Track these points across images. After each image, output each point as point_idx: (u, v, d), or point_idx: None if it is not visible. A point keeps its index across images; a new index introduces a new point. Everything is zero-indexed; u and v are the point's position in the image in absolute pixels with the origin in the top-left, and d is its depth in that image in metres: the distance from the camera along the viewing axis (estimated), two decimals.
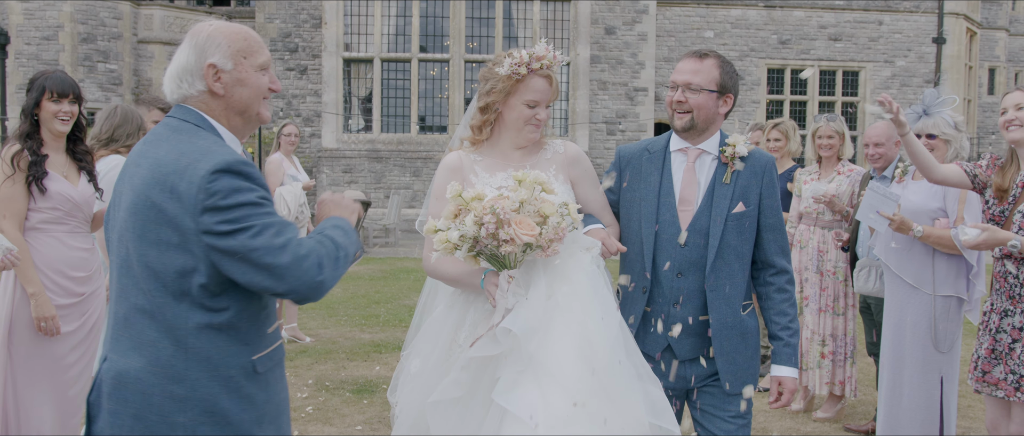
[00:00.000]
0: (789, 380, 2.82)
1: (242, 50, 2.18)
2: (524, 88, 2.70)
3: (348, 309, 9.22)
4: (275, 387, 2.20)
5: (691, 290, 2.76)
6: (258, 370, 2.12)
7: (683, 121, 2.77)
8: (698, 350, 2.80)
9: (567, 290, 2.45)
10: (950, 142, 4.16)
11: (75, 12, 19.45)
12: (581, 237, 2.62)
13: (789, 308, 2.83)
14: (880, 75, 23.38)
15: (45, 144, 3.52)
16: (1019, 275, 3.48)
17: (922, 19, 23.37)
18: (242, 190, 2.00)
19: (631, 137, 20.86)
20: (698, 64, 2.77)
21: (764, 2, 22.78)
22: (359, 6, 19.84)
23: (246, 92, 2.18)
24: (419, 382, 2.60)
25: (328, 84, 19.74)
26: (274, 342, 2.20)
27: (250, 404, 2.10)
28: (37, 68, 19.56)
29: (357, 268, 12.93)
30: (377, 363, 6.73)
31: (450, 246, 2.42)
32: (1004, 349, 3.52)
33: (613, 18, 20.63)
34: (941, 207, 4.13)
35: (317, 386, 5.99)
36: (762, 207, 2.81)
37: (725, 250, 2.74)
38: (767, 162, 2.83)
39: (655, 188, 2.82)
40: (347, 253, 2.16)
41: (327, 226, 2.21)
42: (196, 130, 2.13)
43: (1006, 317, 3.52)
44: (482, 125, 2.79)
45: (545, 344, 2.35)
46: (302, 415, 5.31)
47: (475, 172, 2.75)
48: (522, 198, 2.41)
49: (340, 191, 18.42)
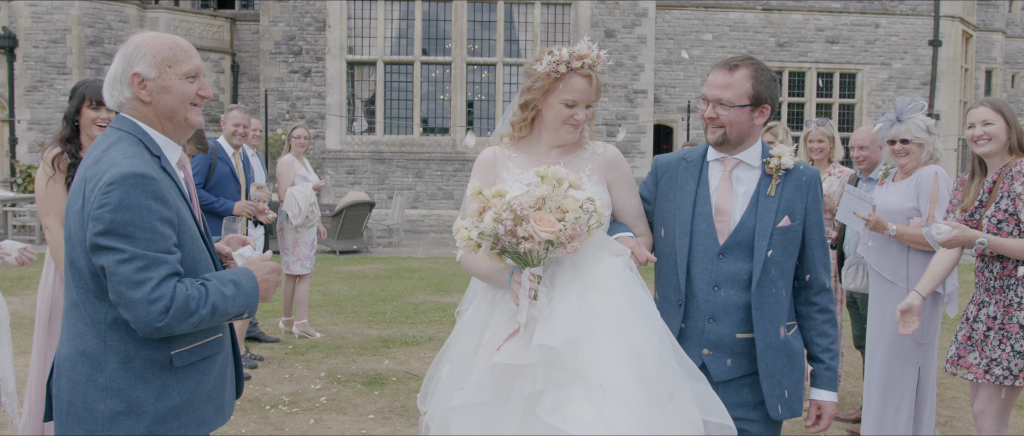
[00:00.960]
0: (829, 405, 2.72)
1: (167, 59, 2.29)
2: (563, 87, 2.62)
3: (355, 306, 9.49)
4: (200, 381, 2.30)
5: (728, 305, 2.63)
6: (175, 364, 2.22)
7: (715, 136, 2.67)
8: (735, 371, 2.65)
9: (603, 299, 2.36)
10: (924, 145, 4.44)
11: (82, 15, 19.72)
12: (611, 242, 2.53)
13: (831, 329, 2.72)
14: (877, 77, 23.63)
15: (83, 148, 3.79)
16: (992, 270, 3.76)
17: (918, 22, 23.61)
18: (131, 207, 2.08)
19: (631, 138, 21.12)
20: (728, 77, 2.63)
21: (762, 5, 23.04)
22: (362, 9, 20.11)
23: (171, 99, 2.30)
24: (446, 388, 2.53)
25: (332, 87, 20.01)
26: (202, 339, 2.29)
27: (166, 396, 2.21)
28: (45, 70, 19.83)
29: (362, 267, 13.21)
30: (386, 357, 7.00)
31: (473, 243, 2.38)
32: (979, 336, 3.79)
33: (613, 21, 20.90)
34: (915, 207, 4.40)
35: (329, 378, 6.26)
36: (807, 222, 2.69)
37: (770, 266, 2.62)
38: (812, 176, 2.72)
39: (690, 198, 2.71)
40: (218, 313, 2.19)
41: (228, 279, 2.26)
42: (125, 138, 2.25)
43: (982, 308, 3.80)
44: (521, 122, 2.73)
45: (593, 357, 2.26)
46: (317, 405, 5.58)
47: (508, 168, 2.70)
48: (542, 194, 2.34)
49: (344, 192, 18.69)
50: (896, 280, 4.37)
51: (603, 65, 2.66)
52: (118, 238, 2.08)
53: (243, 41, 22.62)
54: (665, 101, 22.61)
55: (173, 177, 2.30)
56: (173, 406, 2.23)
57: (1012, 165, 3.76)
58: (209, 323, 2.18)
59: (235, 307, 2.23)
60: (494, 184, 2.62)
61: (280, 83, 20.36)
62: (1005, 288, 3.73)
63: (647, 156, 21.18)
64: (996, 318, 3.74)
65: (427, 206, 20.17)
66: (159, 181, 2.16)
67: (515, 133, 2.75)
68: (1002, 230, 3.70)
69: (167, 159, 2.32)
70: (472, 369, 2.45)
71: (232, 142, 6.51)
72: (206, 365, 2.33)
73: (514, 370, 2.35)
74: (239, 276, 2.28)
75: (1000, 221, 3.71)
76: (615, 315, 2.32)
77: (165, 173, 2.26)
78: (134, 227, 2.09)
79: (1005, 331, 3.71)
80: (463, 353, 2.56)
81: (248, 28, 22.56)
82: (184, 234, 2.23)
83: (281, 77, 20.37)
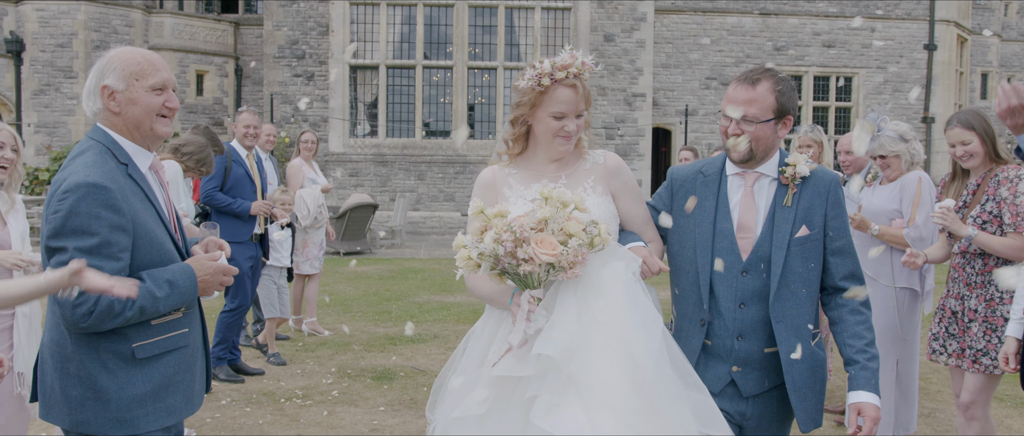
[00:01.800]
0: (870, 406, 2.51)
1: (135, 73, 2.44)
2: (549, 100, 2.55)
3: (361, 306, 9.75)
4: (164, 372, 2.44)
5: (755, 322, 2.57)
6: (137, 356, 2.37)
7: (741, 153, 2.59)
8: (763, 385, 2.61)
9: (603, 303, 2.31)
10: (900, 155, 4.71)
11: (88, 20, 19.98)
12: (619, 249, 2.48)
13: (866, 331, 2.59)
14: (873, 81, 23.91)
15: None
16: (974, 266, 4.05)
17: (913, 26, 23.91)
18: (80, 214, 2.24)
19: (629, 141, 21.38)
20: (751, 92, 2.54)
21: (759, 10, 23.32)
22: (365, 14, 20.38)
23: (138, 110, 2.44)
24: (453, 397, 2.50)
25: (335, 90, 20.28)
26: (164, 333, 2.43)
27: (130, 385, 2.36)
28: (51, 74, 20.10)
29: (366, 268, 13.47)
30: (393, 354, 7.26)
31: (472, 264, 2.32)
32: (962, 328, 4.07)
33: (612, 26, 21.17)
34: (898, 209, 4.67)
35: (340, 373, 6.52)
36: (828, 229, 2.60)
37: (789, 277, 2.55)
38: (831, 181, 2.63)
39: (710, 214, 2.64)
40: (147, 312, 2.33)
41: (164, 279, 2.38)
42: (93, 147, 2.41)
43: (964, 301, 4.08)
44: (514, 139, 2.68)
45: (586, 364, 2.23)
46: (329, 398, 5.84)
47: (509, 185, 2.65)
48: (545, 216, 2.30)
49: (347, 194, 18.95)
50: (877, 277, 4.64)
51: (590, 72, 2.58)
52: (62, 238, 2.26)
53: (247, 45, 22.89)
54: (664, 104, 22.88)
55: (139, 183, 2.45)
56: (138, 395, 2.38)
57: (997, 171, 4.04)
58: (139, 320, 2.34)
59: (168, 305, 2.38)
60: (496, 204, 2.58)
61: (283, 87, 20.62)
62: (986, 283, 4.00)
63: (645, 158, 21.46)
64: (978, 311, 4.02)
65: (429, 208, 20.43)
66: (113, 190, 2.31)
67: (510, 150, 2.69)
68: (985, 230, 3.98)
69: (135, 166, 2.47)
70: (477, 381, 2.42)
71: (244, 143, 6.76)
72: (171, 358, 2.47)
73: (513, 383, 2.33)
74: (177, 275, 2.41)
75: (984, 221, 3.99)
76: (614, 320, 2.28)
77: (131, 179, 2.43)
78: (80, 233, 2.25)
79: (990, 323, 3.98)
80: (470, 364, 2.53)
81: (252, 32, 22.84)
82: (140, 237, 2.37)
83: (284, 81, 20.63)
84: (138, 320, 2.34)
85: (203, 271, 2.49)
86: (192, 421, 5.24)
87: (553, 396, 2.22)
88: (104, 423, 2.36)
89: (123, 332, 2.36)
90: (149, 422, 2.40)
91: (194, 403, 2.59)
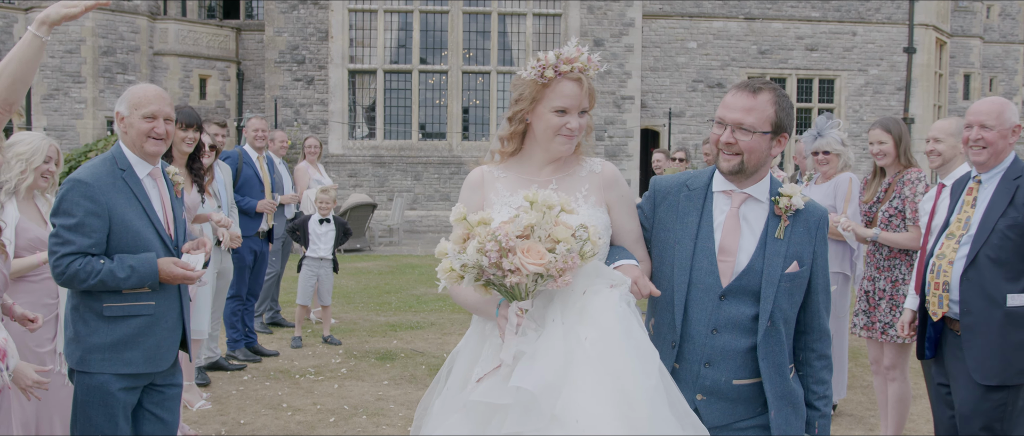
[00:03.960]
0: None
1: (135, 103, 3.20)
2: (552, 93, 2.42)
3: (363, 298, 10.51)
4: (125, 331, 3.16)
5: (727, 350, 2.45)
6: (105, 315, 3.13)
7: (731, 164, 2.46)
8: (727, 417, 2.48)
9: (594, 336, 2.13)
10: (840, 155, 5.50)
11: (96, 26, 20.70)
12: (608, 271, 2.31)
13: (827, 375, 2.58)
14: (854, 83, 24.72)
15: (173, 159, 4.78)
16: (882, 252, 4.83)
17: (893, 30, 24.71)
18: (67, 200, 3.05)
19: (618, 142, 22.17)
20: (751, 100, 2.43)
21: (744, 14, 24.11)
22: (363, 20, 21.15)
23: (133, 131, 3.19)
24: (434, 421, 2.42)
25: (334, 94, 21.04)
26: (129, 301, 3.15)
27: (96, 335, 3.13)
28: (60, 79, 20.81)
29: (366, 264, 14.22)
30: (394, 338, 8.02)
31: (455, 276, 2.18)
32: (874, 305, 4.84)
33: (601, 31, 21.96)
34: (832, 204, 5.45)
35: (347, 355, 7.28)
36: (814, 267, 2.52)
37: (776, 314, 2.44)
38: (821, 217, 2.54)
39: (692, 232, 2.50)
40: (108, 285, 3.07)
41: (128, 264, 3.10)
42: (105, 156, 3.22)
43: (875, 282, 4.85)
44: (510, 137, 2.55)
45: (574, 401, 2.06)
46: (339, 374, 6.60)
47: (496, 189, 2.52)
48: (531, 222, 2.15)
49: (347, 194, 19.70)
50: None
51: (595, 70, 2.46)
52: (55, 217, 3.10)
53: (248, 50, 23.62)
54: (652, 106, 23.67)
55: (131, 185, 3.18)
56: (99, 343, 3.13)
57: (904, 173, 4.83)
58: (103, 289, 3.09)
59: (128, 284, 3.11)
60: (482, 208, 2.49)
61: (284, 91, 21.37)
62: (892, 267, 4.79)
63: (634, 159, 22.24)
64: (886, 290, 4.80)
65: (425, 207, 21.21)
66: (92, 185, 3.08)
67: (504, 148, 2.57)
68: (892, 222, 4.76)
69: (132, 172, 3.20)
70: (458, 406, 2.32)
71: (255, 146, 7.52)
72: (133, 321, 3.18)
73: (494, 410, 2.17)
74: (140, 263, 3.13)
75: (892, 215, 4.77)
76: (605, 354, 2.11)
77: (124, 182, 3.16)
78: (64, 214, 3.07)
79: (894, 301, 4.76)
80: (453, 386, 2.42)
81: (253, 37, 23.57)
82: (116, 224, 3.11)
83: (285, 85, 21.38)
84: (102, 289, 3.09)
85: (165, 268, 3.18)
86: (218, 394, 5.98)
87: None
88: (76, 359, 3.18)
89: (98, 295, 3.13)
90: (104, 366, 3.14)
91: (156, 364, 3.25)
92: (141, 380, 3.25)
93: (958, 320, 3.60)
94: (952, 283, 3.62)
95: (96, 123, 20.72)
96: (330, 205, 7.71)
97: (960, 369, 3.58)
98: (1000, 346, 3.47)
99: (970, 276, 3.55)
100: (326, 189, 7.75)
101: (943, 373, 3.77)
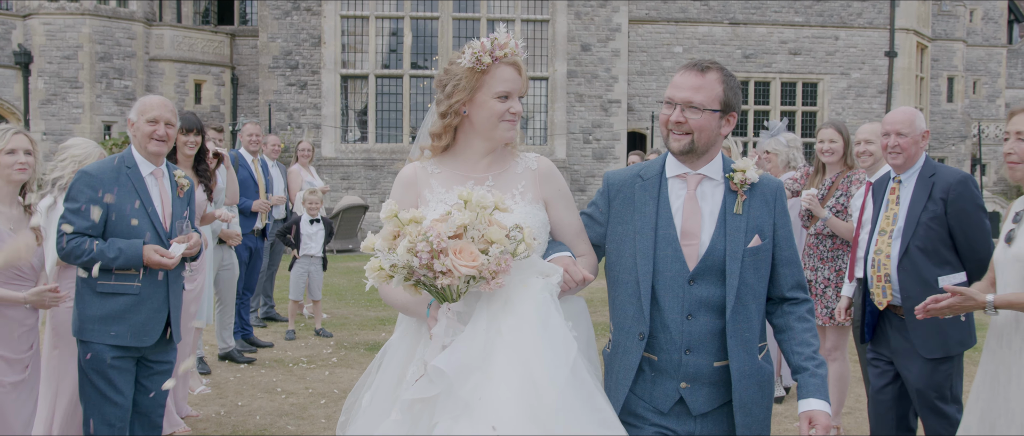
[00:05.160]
0: (821, 414, 2.42)
1: (142, 110, 3.74)
2: (492, 79, 2.40)
3: (354, 294, 10.96)
4: (113, 306, 3.61)
5: (704, 334, 2.44)
6: (98, 290, 3.59)
7: (681, 143, 2.46)
8: (714, 402, 2.48)
9: (512, 322, 2.14)
10: (780, 154, 5.97)
11: (93, 33, 21.12)
12: (539, 262, 2.32)
13: (813, 338, 2.50)
14: (837, 86, 25.27)
15: (178, 163, 5.21)
16: (826, 244, 5.30)
17: (875, 34, 25.27)
18: (74, 187, 3.58)
19: (606, 145, 22.67)
20: (700, 79, 2.43)
21: (729, 19, 24.65)
22: (355, 26, 21.62)
23: (139, 135, 3.71)
24: (365, 417, 2.38)
25: (327, 98, 21.49)
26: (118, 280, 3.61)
27: (89, 308, 3.61)
28: (58, 84, 21.23)
29: (358, 263, 14.66)
30: (382, 331, 8.48)
31: (384, 275, 2.14)
32: (819, 293, 5.31)
33: (588, 36, 22.46)
34: None
35: (338, 346, 7.73)
36: (776, 239, 2.50)
37: (743, 290, 2.44)
38: (776, 188, 2.54)
39: (651, 220, 2.49)
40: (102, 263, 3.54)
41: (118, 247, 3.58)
42: (116, 155, 3.72)
43: (818, 272, 5.32)
44: (443, 131, 2.50)
45: (482, 387, 2.07)
46: (330, 363, 7.06)
47: (430, 186, 2.49)
48: (464, 222, 2.11)
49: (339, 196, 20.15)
50: None
51: (522, 56, 2.48)
52: (65, 202, 3.63)
53: (242, 55, 24.07)
54: (638, 109, 24.17)
55: (133, 180, 3.66)
56: (92, 315, 3.60)
57: (848, 173, 5.30)
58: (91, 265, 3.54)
59: (117, 264, 3.56)
60: (416, 206, 2.46)
61: (278, 95, 21.81)
62: (835, 257, 5.26)
63: (621, 161, 22.73)
64: (830, 279, 5.27)
65: None
66: (95, 176, 3.60)
67: (436, 143, 2.53)
68: (838, 217, 5.23)
69: (137, 170, 3.68)
70: (395, 402, 2.28)
71: (249, 149, 7.97)
72: (120, 299, 3.64)
73: (426, 405, 2.18)
74: (127, 247, 3.59)
75: (838, 211, 5.24)
76: (519, 342, 2.11)
77: (127, 177, 3.65)
78: (71, 200, 3.60)
79: (838, 289, 5.23)
80: (385, 382, 2.39)
81: (247, 43, 24.01)
82: (113, 212, 3.60)
83: (279, 90, 21.83)
84: (92, 265, 3.55)
85: (146, 253, 3.64)
86: (217, 380, 6.42)
87: (449, 421, 2.08)
88: (76, 327, 3.68)
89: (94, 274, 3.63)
90: (95, 335, 3.61)
91: (141, 339, 3.69)
92: (130, 352, 3.69)
93: (901, 306, 4.01)
94: (891, 274, 4.03)
95: (93, 127, 21.13)
96: (318, 206, 8.18)
97: (908, 349, 3.98)
98: (938, 323, 3.86)
99: (905, 266, 3.97)
100: (313, 191, 8.22)
101: (885, 347, 4.16)
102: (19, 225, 3.67)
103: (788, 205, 5.40)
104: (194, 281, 5.36)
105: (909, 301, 3.98)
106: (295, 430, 5.27)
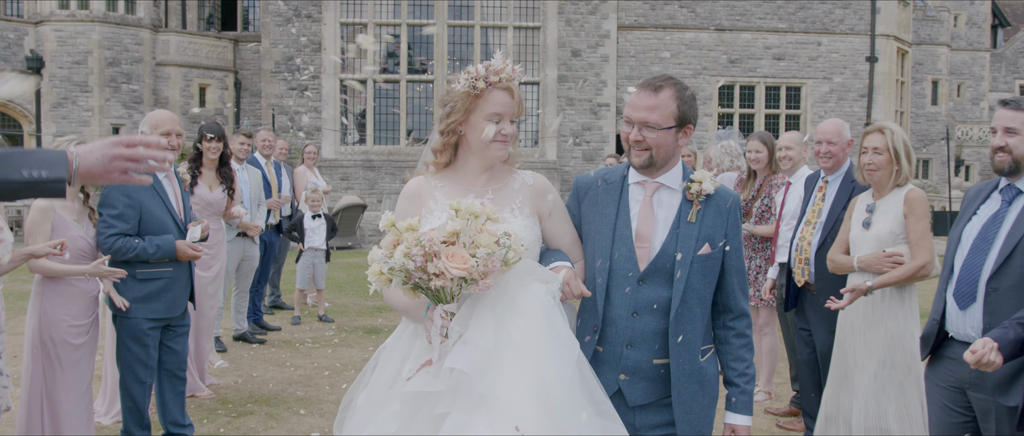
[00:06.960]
0: (743, 427, 2.66)
1: (154, 124, 4.54)
2: (485, 103, 2.55)
3: (354, 287, 11.83)
4: (150, 289, 4.41)
5: (647, 332, 2.59)
6: (137, 277, 4.36)
7: (641, 159, 2.60)
8: (651, 396, 2.63)
9: (520, 324, 2.28)
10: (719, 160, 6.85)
11: (102, 39, 21.96)
12: (539, 269, 2.46)
13: (747, 353, 2.69)
14: (819, 90, 26.13)
15: (202, 166, 6.06)
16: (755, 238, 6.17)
17: (856, 40, 26.12)
18: (109, 193, 4.29)
19: (595, 147, 23.54)
20: (653, 99, 2.55)
21: (715, 25, 25.51)
22: (355, 33, 22.48)
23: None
24: (360, 415, 2.51)
25: (326, 102, 22.36)
26: (152, 268, 4.40)
27: (131, 290, 4.36)
28: (69, 89, 22.06)
29: (357, 259, 15.52)
30: (379, 317, 9.35)
31: (384, 279, 2.31)
32: (751, 278, 6.18)
33: (579, 42, 23.34)
34: None
35: (339, 329, 8.60)
36: (727, 248, 2.64)
37: (688, 294, 2.57)
38: (733, 200, 2.67)
39: (611, 222, 2.64)
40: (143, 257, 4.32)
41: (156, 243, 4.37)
42: None
43: (751, 260, 6.20)
44: (442, 148, 2.65)
45: (497, 383, 2.20)
46: (332, 343, 7.92)
47: (434, 198, 2.62)
48: (455, 229, 2.28)
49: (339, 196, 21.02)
50: None
51: (518, 80, 2.63)
52: (102, 208, 4.35)
53: (245, 60, 24.93)
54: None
55: (153, 184, 4.39)
56: (134, 296, 4.39)
57: (772, 177, 6.18)
58: (139, 259, 4.34)
59: (155, 257, 4.38)
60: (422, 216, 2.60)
61: (279, 99, 22.67)
62: (765, 247, 6.14)
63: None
64: (763, 267, 6.15)
65: None
66: (128, 186, 4.33)
67: (438, 159, 2.67)
68: (763, 217, 6.11)
69: (155, 175, 4.35)
70: (389, 399, 2.41)
71: (263, 153, 8.84)
72: (156, 283, 4.47)
73: (425, 399, 2.31)
74: (164, 242, 4.41)
75: (763, 211, 6.12)
76: (528, 342, 2.25)
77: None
78: (109, 206, 4.31)
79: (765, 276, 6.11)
80: (381, 382, 2.51)
81: (250, 48, 24.88)
82: (144, 213, 4.36)
83: (280, 93, 22.69)
84: (139, 259, 4.37)
85: (179, 247, 4.48)
86: (233, 356, 7.28)
87: (463, 415, 2.20)
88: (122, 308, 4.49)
89: (134, 264, 4.39)
90: (139, 313, 4.42)
91: (172, 311, 4.56)
92: (161, 322, 4.57)
93: (814, 284, 4.86)
94: (810, 259, 4.86)
95: (102, 130, 21.96)
96: (319, 203, 9.06)
97: (819, 319, 4.82)
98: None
99: (821, 253, 4.79)
100: (314, 190, 9.12)
101: (804, 320, 5.02)
102: (81, 216, 4.50)
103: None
104: (211, 268, 6.21)
105: (821, 282, 4.84)
106: (303, 394, 6.14)
